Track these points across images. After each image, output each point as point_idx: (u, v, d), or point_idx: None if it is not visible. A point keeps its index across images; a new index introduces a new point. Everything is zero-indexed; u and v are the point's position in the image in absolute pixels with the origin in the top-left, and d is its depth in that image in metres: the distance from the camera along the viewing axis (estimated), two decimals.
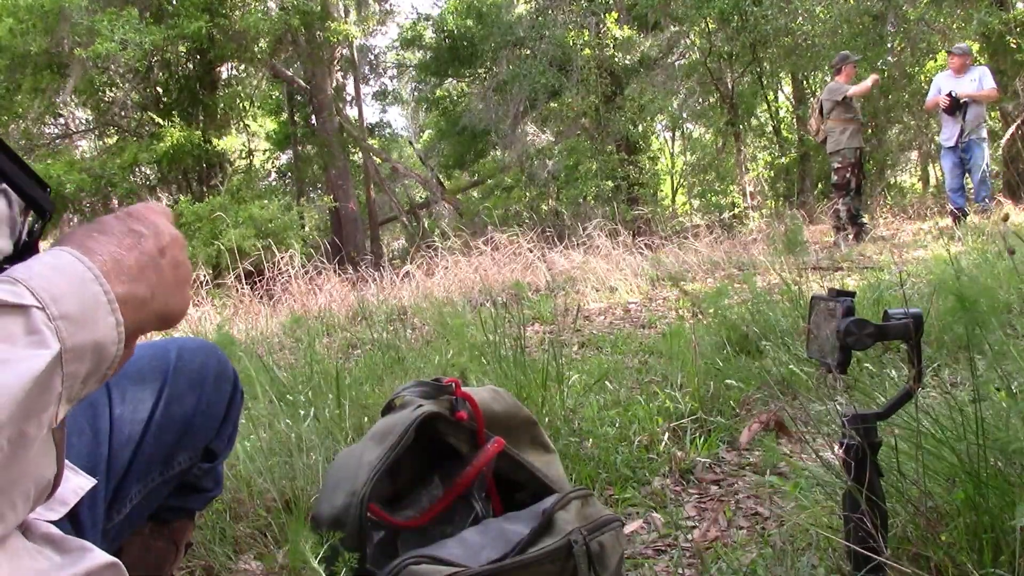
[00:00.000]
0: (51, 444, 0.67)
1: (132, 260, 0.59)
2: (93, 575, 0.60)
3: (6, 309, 0.50)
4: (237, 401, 1.16)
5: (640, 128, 13.00)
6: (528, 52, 13.32)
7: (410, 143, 20.56)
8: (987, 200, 7.06)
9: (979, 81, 7.06)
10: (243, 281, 6.00)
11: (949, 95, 6.98)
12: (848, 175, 7.30)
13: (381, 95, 19.12)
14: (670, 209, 15.49)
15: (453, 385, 1.24)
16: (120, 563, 0.61)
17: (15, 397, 0.49)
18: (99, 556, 0.60)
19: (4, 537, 0.56)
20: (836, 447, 1.13)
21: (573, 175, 12.64)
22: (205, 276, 6.27)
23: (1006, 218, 4.17)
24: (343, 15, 14.77)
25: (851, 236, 7.13)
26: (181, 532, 1.20)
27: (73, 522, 0.82)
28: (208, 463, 1.14)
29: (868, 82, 7.20)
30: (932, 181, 14.81)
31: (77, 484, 0.74)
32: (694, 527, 1.60)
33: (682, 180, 16.86)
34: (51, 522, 0.66)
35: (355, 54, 16.27)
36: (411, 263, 7.18)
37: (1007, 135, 7.85)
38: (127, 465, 0.99)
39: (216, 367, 1.11)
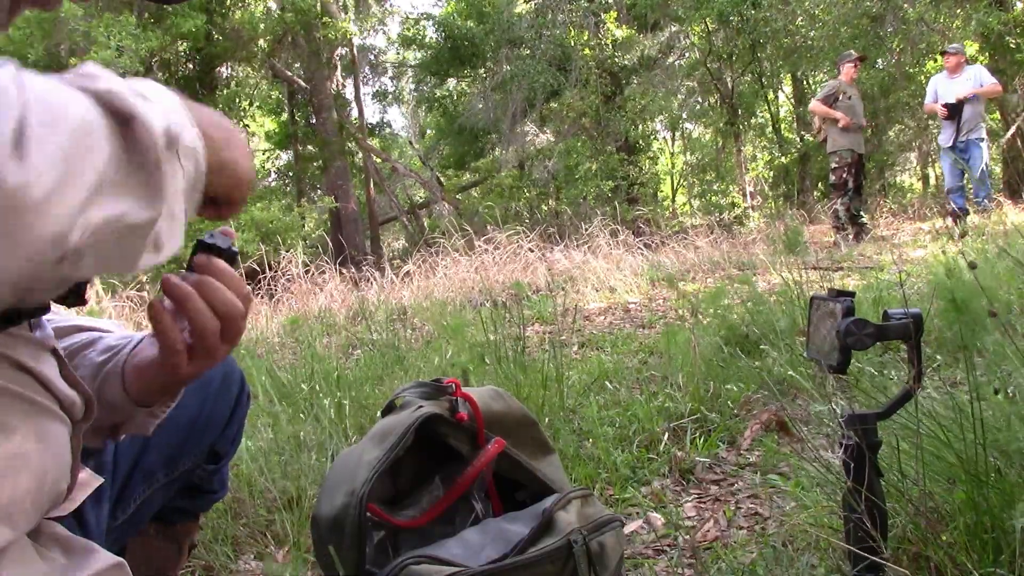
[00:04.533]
0: (68, 454, 0.67)
1: (210, 117, 0.65)
2: None
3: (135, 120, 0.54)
4: (243, 403, 1.15)
5: (640, 128, 13.00)
6: (528, 52, 13.33)
7: (410, 143, 20.57)
8: (986, 200, 7.05)
9: (975, 80, 7.05)
10: (244, 281, 5.99)
11: (945, 106, 6.99)
12: (845, 175, 7.29)
13: (381, 95, 19.14)
14: (670, 209, 15.49)
15: (453, 386, 1.24)
16: (125, 563, 0.62)
17: (193, 136, 0.57)
18: (105, 557, 0.61)
19: (14, 539, 0.56)
20: (836, 447, 1.13)
21: (573, 175, 12.65)
22: None
23: (964, 234, 4.19)
24: (343, 15, 14.76)
25: (851, 236, 7.13)
26: (185, 533, 1.20)
27: (79, 521, 0.82)
28: (213, 464, 1.13)
29: (821, 112, 7.31)
30: (932, 181, 14.81)
31: (83, 482, 0.74)
32: (694, 527, 1.60)
33: (682, 180, 16.86)
34: (56, 519, 0.66)
35: (355, 54, 16.27)
36: (411, 263, 7.19)
37: (1008, 135, 7.85)
38: (132, 466, 0.99)
39: (222, 369, 1.10)
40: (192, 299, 0.69)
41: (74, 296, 0.69)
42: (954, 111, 6.97)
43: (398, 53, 18.15)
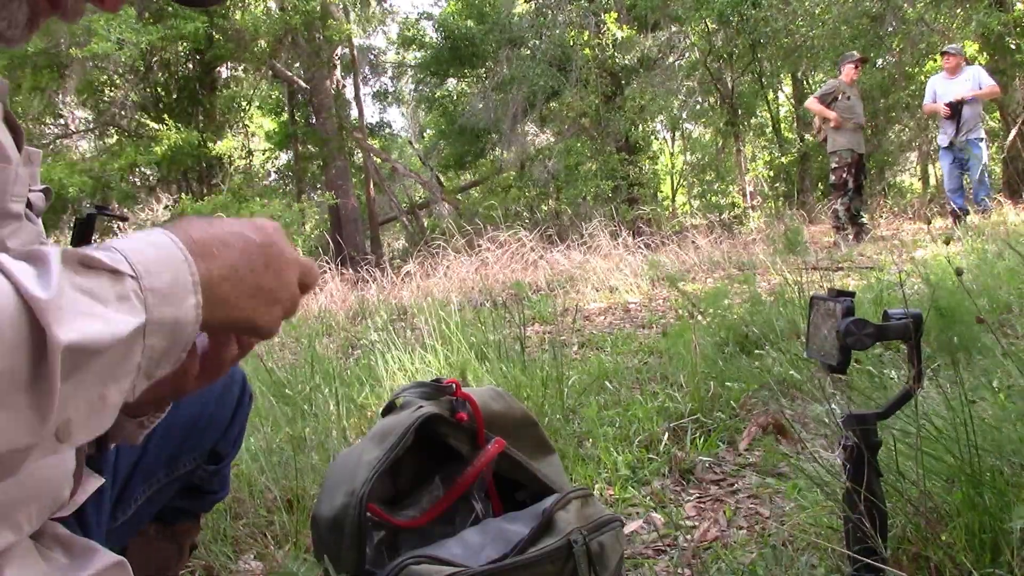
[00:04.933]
0: (71, 460, 0.67)
1: (229, 259, 0.60)
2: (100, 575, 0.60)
3: (104, 272, 0.52)
4: (245, 404, 1.15)
5: (640, 128, 13.00)
6: (527, 52, 13.33)
7: (410, 143, 20.56)
8: (986, 200, 7.06)
9: (974, 81, 7.05)
10: None
11: (948, 105, 6.98)
12: (844, 175, 7.29)
13: (381, 95, 19.13)
14: (670, 209, 15.49)
15: (453, 386, 1.24)
16: (126, 562, 0.62)
17: (102, 353, 0.50)
18: (106, 556, 0.61)
19: (17, 542, 0.56)
20: (836, 448, 1.13)
21: (573, 175, 12.65)
22: None
23: (948, 242, 4.20)
24: (344, 15, 14.76)
25: (851, 236, 7.13)
26: (186, 534, 1.20)
27: (80, 521, 0.82)
28: (214, 465, 1.13)
29: (816, 110, 7.36)
30: (932, 181, 14.81)
31: (84, 483, 0.74)
32: (694, 527, 1.60)
33: (682, 180, 16.86)
34: (58, 519, 0.66)
35: (355, 54, 16.27)
36: (411, 263, 7.18)
37: (1011, 135, 7.85)
38: (133, 466, 0.99)
39: None
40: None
41: None
42: (955, 110, 6.97)
43: (398, 53, 18.15)
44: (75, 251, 0.52)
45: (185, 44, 11.42)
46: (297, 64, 14.78)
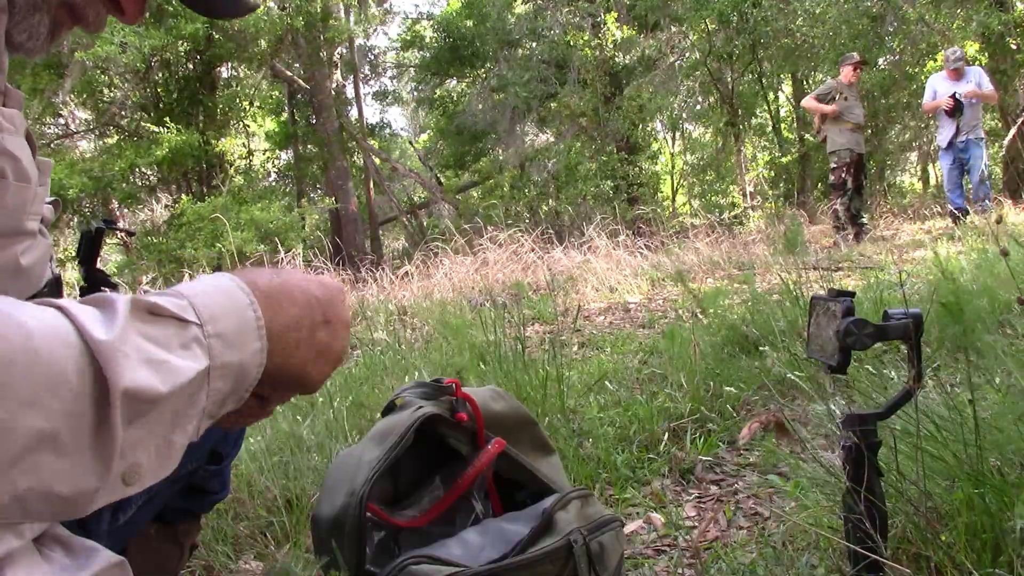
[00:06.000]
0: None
1: (294, 312, 0.62)
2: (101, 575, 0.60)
3: (170, 320, 0.54)
4: None
5: (640, 128, 13.00)
6: (525, 53, 13.33)
7: (410, 143, 20.56)
8: (986, 200, 7.06)
9: (976, 84, 7.06)
10: None
11: (953, 96, 6.98)
12: (844, 175, 7.30)
13: (381, 95, 19.13)
14: (670, 209, 15.48)
15: (453, 386, 1.24)
16: (126, 562, 0.62)
17: (167, 399, 0.52)
18: (106, 556, 0.61)
19: (20, 546, 0.56)
20: (836, 448, 1.13)
21: (573, 175, 12.65)
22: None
23: (999, 220, 4.17)
24: (343, 15, 14.76)
25: (851, 236, 7.14)
26: (186, 534, 1.20)
27: (80, 521, 0.82)
28: (215, 466, 1.13)
29: (812, 108, 7.39)
30: (932, 181, 14.81)
31: None
32: (694, 527, 1.60)
33: (682, 180, 16.85)
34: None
35: (355, 54, 16.27)
36: (411, 263, 7.19)
37: (1010, 135, 7.84)
38: None
39: None
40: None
41: None
42: (958, 103, 6.97)
43: (398, 53, 18.15)
44: (143, 299, 0.54)
45: (185, 44, 11.41)
46: (297, 64, 14.78)
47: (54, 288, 0.79)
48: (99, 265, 1.16)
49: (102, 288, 0.89)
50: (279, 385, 0.65)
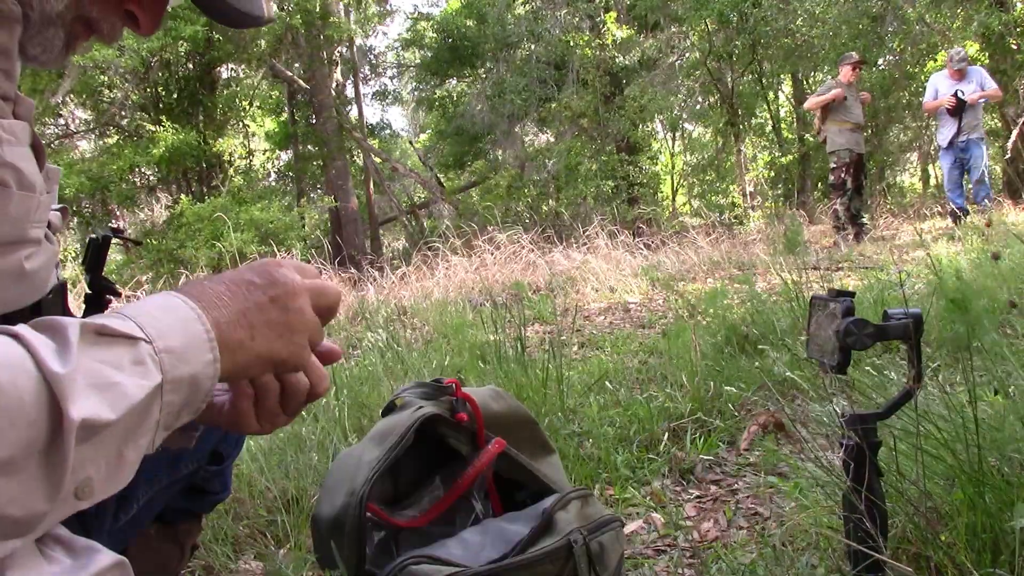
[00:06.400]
0: None
1: (236, 305, 0.63)
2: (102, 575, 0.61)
3: (118, 338, 0.55)
4: None
5: (640, 128, 13.00)
6: (524, 54, 13.33)
7: (410, 143, 20.56)
8: (986, 200, 7.06)
9: (976, 82, 7.06)
10: None
11: (955, 95, 6.97)
12: (843, 175, 7.30)
13: (381, 95, 19.13)
14: (670, 209, 15.49)
15: (453, 386, 1.24)
16: (127, 561, 0.62)
17: (118, 421, 0.53)
18: (107, 556, 0.61)
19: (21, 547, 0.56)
20: (836, 448, 1.13)
21: (573, 175, 12.64)
22: (205, 277, 6.27)
23: (990, 223, 4.19)
24: (343, 14, 14.75)
25: (851, 236, 7.14)
26: (187, 534, 1.20)
27: (81, 521, 0.82)
28: (216, 466, 1.13)
29: (815, 104, 7.33)
30: (932, 181, 14.81)
31: None
32: (694, 527, 1.60)
33: (682, 180, 16.85)
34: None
35: (355, 54, 16.26)
36: (411, 263, 7.19)
37: (1013, 135, 7.85)
38: None
39: None
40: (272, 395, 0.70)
41: (95, 307, 0.71)
42: (959, 103, 6.97)
43: (398, 53, 18.15)
44: (90, 322, 0.55)
45: (185, 44, 11.41)
46: (297, 64, 14.78)
47: (59, 294, 0.79)
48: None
49: (107, 296, 0.90)
50: (266, 371, 0.66)
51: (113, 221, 11.62)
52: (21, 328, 0.52)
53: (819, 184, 13.20)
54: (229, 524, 1.72)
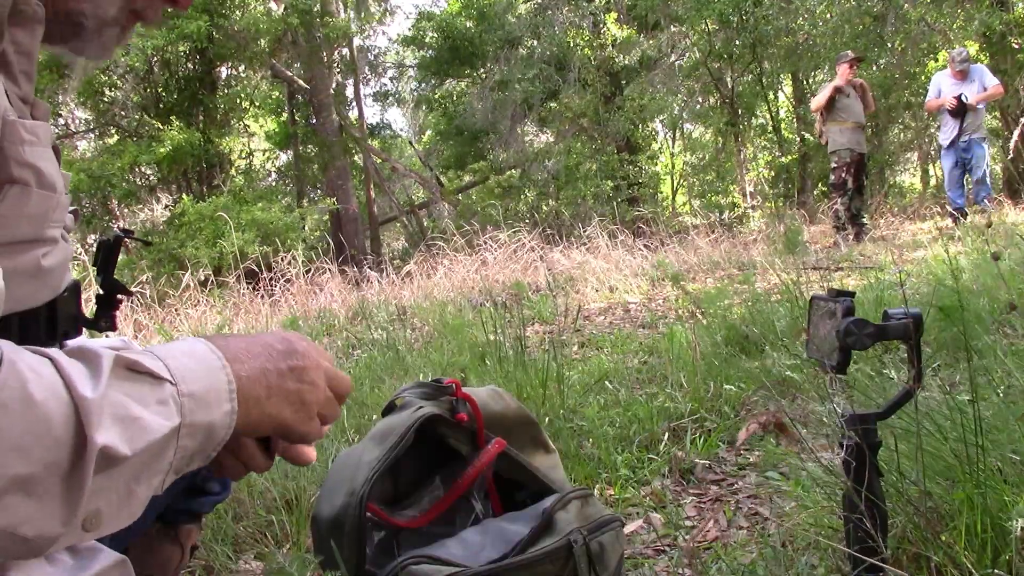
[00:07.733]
0: None
1: (257, 364, 0.66)
2: (103, 575, 0.61)
3: (146, 376, 0.57)
4: None
5: (640, 128, 13.00)
6: (525, 52, 13.33)
7: (410, 143, 20.55)
8: (987, 200, 7.06)
9: (978, 82, 7.06)
10: (244, 281, 6.00)
11: (957, 98, 6.97)
12: (844, 175, 7.29)
13: (381, 95, 19.12)
14: (670, 209, 15.49)
15: (453, 386, 1.24)
16: (128, 560, 0.62)
17: (136, 455, 0.54)
18: (108, 555, 0.62)
19: None
20: (836, 447, 1.13)
21: (573, 175, 12.65)
22: (206, 276, 6.28)
23: (989, 224, 4.19)
24: (343, 14, 14.75)
25: (851, 236, 7.13)
26: (187, 534, 1.20)
27: None
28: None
29: (819, 104, 7.32)
30: (932, 181, 14.80)
31: None
32: (694, 527, 1.60)
33: (682, 180, 16.85)
34: None
35: (355, 54, 16.26)
36: (411, 263, 7.19)
37: (1015, 136, 7.85)
38: None
39: None
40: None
41: (106, 321, 0.72)
42: (961, 108, 6.97)
43: (398, 53, 18.14)
44: (124, 356, 0.57)
45: (186, 44, 11.41)
46: (297, 64, 14.78)
47: (73, 292, 0.80)
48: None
49: (117, 296, 0.90)
50: (273, 435, 0.69)
51: (114, 221, 11.62)
52: (55, 353, 0.54)
53: (819, 184, 13.20)
54: (229, 524, 1.72)
